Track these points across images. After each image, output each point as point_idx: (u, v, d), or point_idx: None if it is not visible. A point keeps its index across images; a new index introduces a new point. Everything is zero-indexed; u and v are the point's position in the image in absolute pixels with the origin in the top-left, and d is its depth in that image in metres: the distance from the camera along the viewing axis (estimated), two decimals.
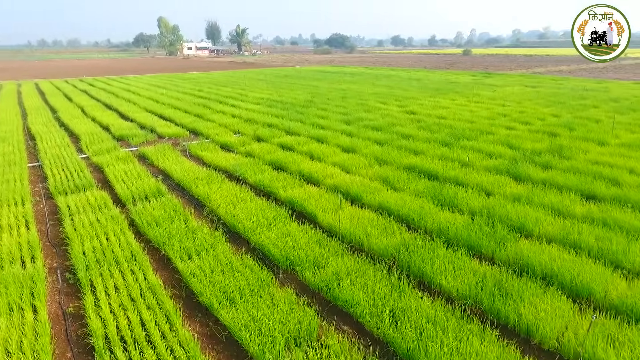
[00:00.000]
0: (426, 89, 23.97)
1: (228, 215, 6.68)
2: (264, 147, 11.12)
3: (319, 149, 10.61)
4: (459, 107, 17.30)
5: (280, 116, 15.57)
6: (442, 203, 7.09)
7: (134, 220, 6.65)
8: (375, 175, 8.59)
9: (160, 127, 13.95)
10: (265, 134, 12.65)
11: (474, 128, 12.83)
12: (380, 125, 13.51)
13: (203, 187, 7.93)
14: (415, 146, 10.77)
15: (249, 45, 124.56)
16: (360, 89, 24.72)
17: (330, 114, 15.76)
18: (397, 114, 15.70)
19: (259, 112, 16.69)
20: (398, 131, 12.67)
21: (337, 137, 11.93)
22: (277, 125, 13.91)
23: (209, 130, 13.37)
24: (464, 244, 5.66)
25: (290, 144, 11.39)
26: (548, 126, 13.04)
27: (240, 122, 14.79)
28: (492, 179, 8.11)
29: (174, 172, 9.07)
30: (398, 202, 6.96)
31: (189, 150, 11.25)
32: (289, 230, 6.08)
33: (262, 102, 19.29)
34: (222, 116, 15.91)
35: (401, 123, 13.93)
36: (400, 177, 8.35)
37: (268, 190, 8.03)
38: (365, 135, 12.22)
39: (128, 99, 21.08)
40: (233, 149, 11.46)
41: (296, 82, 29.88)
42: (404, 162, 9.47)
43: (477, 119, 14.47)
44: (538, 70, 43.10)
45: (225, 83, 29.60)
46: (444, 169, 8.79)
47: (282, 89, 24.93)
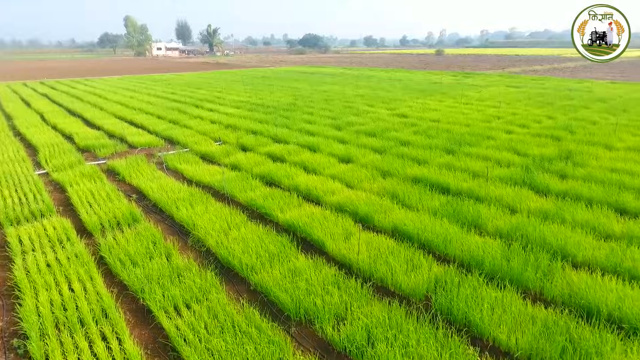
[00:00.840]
0: (411, 90, 23.35)
1: (220, 247, 5.58)
2: (250, 157, 10.01)
3: (313, 159, 9.60)
4: (450, 109, 16.67)
5: (264, 121, 14.45)
6: (464, 223, 6.24)
7: (104, 257, 5.46)
8: (381, 190, 7.67)
9: (131, 135, 12.58)
10: (250, 142, 11.53)
11: (473, 132, 12.14)
12: (373, 131, 12.63)
13: (186, 210, 6.78)
14: (416, 154, 9.93)
15: (221, 46, 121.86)
16: (343, 90, 23.84)
17: (317, 119, 14.77)
18: (388, 118, 14.88)
19: (240, 116, 15.51)
20: (394, 137, 11.82)
21: (330, 145, 10.96)
22: (262, 132, 12.80)
23: (186, 139, 12.12)
24: (506, 277, 4.80)
25: (279, 153, 10.33)
26: (547, 129, 12.51)
27: (220, 128, 13.58)
28: (511, 192, 7.34)
29: (150, 191, 7.85)
30: (416, 224, 6.05)
31: (165, 162, 10.00)
32: (296, 266, 5.06)
33: (242, 106, 18.09)
34: (199, 122, 14.63)
35: (395, 128, 13.10)
36: (410, 191, 7.46)
37: (263, 211, 6.95)
38: (359, 142, 11.30)
39: (94, 104, 19.39)
40: (216, 160, 10.29)
41: (275, 83, 28.71)
42: (408, 173, 8.60)
43: (472, 122, 13.83)
44: (513, 70, 43.54)
45: (199, 85, 28.09)
46: (455, 181, 7.96)
47: (262, 91, 23.73)
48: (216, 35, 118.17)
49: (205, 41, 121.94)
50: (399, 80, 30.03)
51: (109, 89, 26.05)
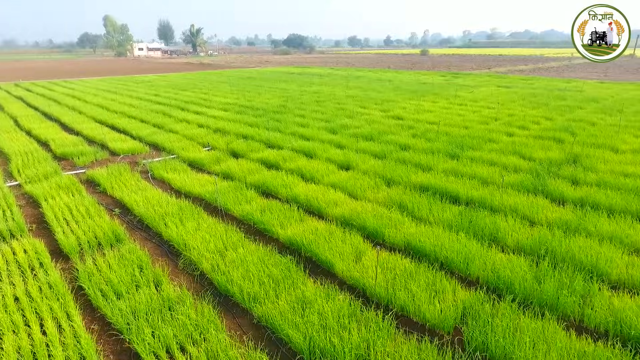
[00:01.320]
0: (402, 91, 22.96)
1: (216, 272, 4.95)
2: (243, 164, 9.35)
3: (310, 166, 9.01)
4: (444, 110, 16.28)
5: (255, 125, 13.78)
6: (482, 237, 5.74)
7: (83, 287, 4.77)
8: (387, 200, 7.13)
9: (113, 141, 11.77)
10: (242, 147, 10.87)
11: (473, 135, 11.72)
12: (369, 134, 12.10)
13: (176, 227, 6.11)
14: (418, 159, 9.43)
15: (205, 46, 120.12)
16: (333, 91, 23.30)
17: (310, 121, 14.17)
18: (383, 120, 14.39)
19: (229, 120, 14.80)
20: (392, 140, 11.31)
21: (326, 150, 10.39)
22: (253, 137, 12.13)
23: (172, 144, 11.39)
24: (541, 303, 4.31)
25: (274, 159, 9.70)
26: (547, 131, 12.19)
27: (208, 133, 12.86)
28: (525, 201, 6.89)
29: (134, 205, 7.14)
30: (431, 240, 5.53)
31: (151, 171, 9.27)
32: (305, 294, 4.46)
33: (230, 108, 17.36)
34: (186, 126, 13.88)
35: (391, 130, 12.60)
36: (419, 202, 6.93)
37: (261, 227, 6.33)
38: (356, 146, 10.75)
39: (72, 107, 18.38)
40: (206, 168, 9.61)
41: (262, 84, 27.99)
42: (413, 181, 8.09)
43: (469, 123, 13.44)
44: (500, 70, 43.73)
45: (184, 86, 27.17)
46: (464, 189, 7.48)
47: (249, 93, 23.01)
48: (199, 35, 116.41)
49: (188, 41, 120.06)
50: (389, 80, 29.65)
51: (89, 91, 24.94)
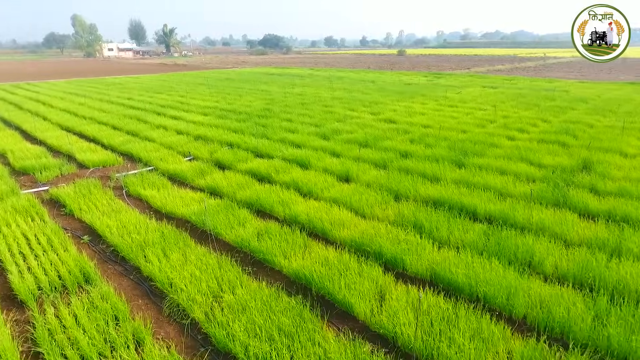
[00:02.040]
0: (388, 92, 22.34)
1: (212, 324, 4.02)
2: (231, 177, 8.38)
3: (306, 178, 8.14)
4: (436, 112, 15.70)
5: (239, 131, 12.78)
6: (517, 263, 5.02)
7: (41, 354, 3.74)
8: (400, 219, 6.34)
9: (81, 152, 10.56)
10: (228, 157, 9.88)
11: (473, 139, 11.11)
12: (365, 140, 11.32)
13: (158, 261, 5.13)
14: (423, 168, 8.70)
15: (178, 46, 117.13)
16: (318, 92, 22.46)
17: (298, 126, 13.28)
18: (375, 124, 13.64)
19: (211, 125, 13.74)
20: (390, 147, 10.56)
21: (321, 159, 9.54)
22: (239, 144, 11.15)
23: (149, 154, 10.29)
24: (610, 353, 3.59)
25: (265, 171, 8.77)
26: (548, 134, 11.72)
27: (189, 140, 11.79)
28: (551, 216, 6.24)
29: (107, 231, 6.09)
30: (460, 269, 4.77)
31: (126, 187, 8.19)
32: (327, 352, 3.59)
33: (211, 112, 16.26)
34: (163, 133, 12.74)
35: (387, 135, 11.86)
36: (435, 220, 6.17)
37: (260, 257, 5.42)
38: (353, 153, 9.95)
39: (36, 112, 16.84)
40: (189, 182, 8.59)
41: (242, 86, 26.85)
42: (423, 194, 7.34)
43: (466, 127, 12.85)
44: (479, 69, 43.96)
45: (159, 89, 25.74)
46: (481, 203, 6.78)
47: (229, 95, 21.88)
48: (173, 35, 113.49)
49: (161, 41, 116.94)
50: (372, 81, 29.04)
51: (55, 95, 23.23)
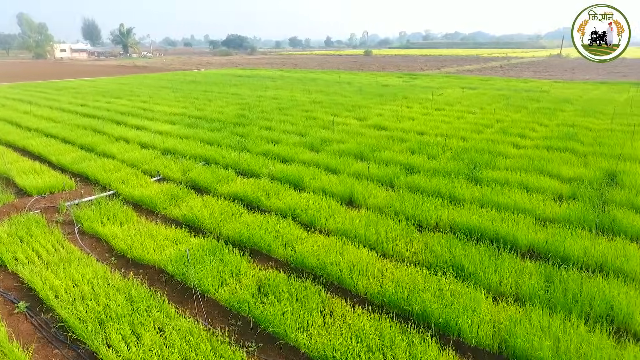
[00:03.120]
0: (368, 95, 21.28)
1: None
2: (212, 205, 6.90)
3: (304, 204, 6.80)
4: (426, 117, 14.74)
5: (215, 142, 11.22)
6: (598, 321, 3.93)
7: None
8: (432, 257, 5.14)
9: (22, 174, 8.71)
10: (205, 176, 8.36)
11: (477, 148, 10.15)
12: (359, 151, 10.10)
13: (125, 344, 3.65)
14: (436, 185, 7.57)
15: (137, 47, 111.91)
16: (293, 96, 21.07)
17: (281, 136, 11.88)
18: (365, 131, 12.47)
19: (181, 136, 12.08)
20: (389, 159, 9.38)
21: (316, 176, 8.22)
22: (216, 160, 9.63)
23: (109, 175, 8.60)
24: None
25: (252, 194, 7.35)
26: (551, 139, 10.96)
27: (156, 155, 10.13)
28: (607, 247, 5.24)
29: (51, 295, 4.51)
30: (535, 335, 3.62)
31: (79, 222, 6.53)
32: None
33: (179, 121, 14.53)
34: (125, 147, 10.98)
35: (382, 145, 10.69)
36: (476, 257, 5.01)
37: (268, 329, 4.04)
38: (351, 169, 8.70)
39: None
40: (159, 211, 7.03)
41: (210, 89, 24.99)
42: (447, 220, 6.20)
43: (463, 133, 11.91)
44: (449, 70, 44.03)
45: (118, 93, 23.46)
46: (520, 231, 5.70)
47: (198, 100, 20.08)
48: (130, 36, 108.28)
49: (118, 42, 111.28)
50: (348, 83, 27.95)
51: None
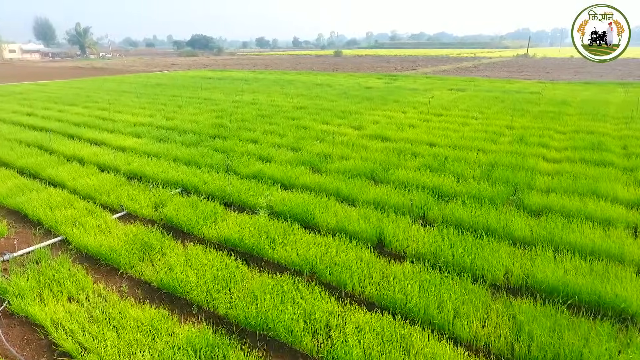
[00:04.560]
0: (353, 98, 19.71)
1: None
2: (201, 261, 5.05)
3: (325, 254, 5.10)
4: (427, 124, 13.32)
5: (192, 161, 9.28)
6: None
7: None
8: (535, 350, 3.57)
9: None
10: (185, 213, 6.45)
11: (504, 163, 8.75)
12: (369, 170, 8.47)
13: None
14: (484, 221, 6.04)
15: (95, 47, 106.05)
16: (274, 101, 19.20)
17: (271, 151, 10.07)
18: (366, 142, 10.85)
19: (149, 154, 10.03)
20: (410, 181, 7.78)
21: (329, 209, 6.51)
22: (197, 187, 7.72)
23: (55, 213, 6.56)
24: None
25: (252, 240, 5.54)
26: (579, 150, 9.76)
27: (119, 182, 8.09)
28: None
29: None
30: None
31: (5, 299, 4.52)
32: None
33: (146, 133, 12.39)
34: (78, 170, 8.84)
35: (393, 161, 9.11)
36: (597, 346, 3.49)
37: None
38: (368, 196, 7.06)
39: None
40: (126, 270, 5.10)
41: (179, 93, 22.65)
42: (519, 274, 4.69)
43: (478, 143, 10.53)
44: (425, 70, 43.38)
45: (72, 99, 20.75)
46: (629, 292, 4.24)
47: (166, 106, 17.83)
48: (87, 35, 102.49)
49: (75, 42, 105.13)
50: (329, 85, 26.31)
51: None
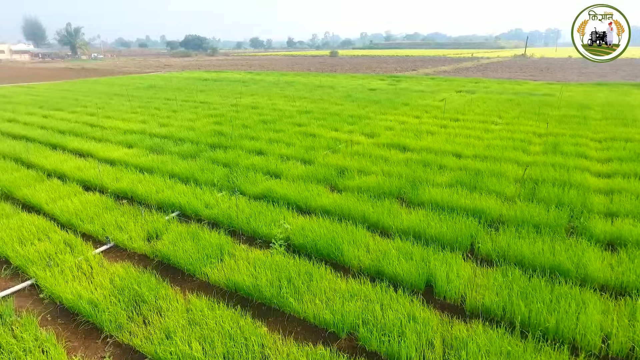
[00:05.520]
0: (360, 101, 18.60)
1: None
2: (209, 322, 3.91)
3: (365, 311, 3.98)
4: (445, 130, 12.23)
5: (190, 178, 8.10)
6: None
7: None
8: None
9: None
10: (185, 248, 5.29)
11: (547, 178, 7.68)
12: (394, 188, 7.34)
13: None
14: (551, 258, 4.96)
15: (87, 48, 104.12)
16: (275, 104, 18.04)
17: (279, 164, 8.91)
18: (383, 153, 9.74)
19: (141, 168, 8.84)
20: (446, 202, 6.66)
21: (359, 242, 5.39)
22: (197, 210, 6.55)
23: (27, 249, 5.38)
24: None
25: (270, 288, 4.40)
26: (626, 162, 8.72)
27: (105, 204, 6.90)
28: None
29: None
30: None
31: None
32: None
33: (138, 142, 11.18)
34: (59, 188, 7.63)
35: (419, 176, 7.98)
36: None
37: None
38: (401, 222, 5.94)
39: None
40: (109, 331, 3.93)
41: (174, 96, 21.40)
42: (623, 341, 3.58)
43: (508, 154, 9.45)
44: (426, 71, 42.43)
45: (59, 103, 19.44)
46: None
47: (160, 111, 16.61)
48: (79, 36, 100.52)
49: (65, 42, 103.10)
50: (331, 87, 25.18)
51: None
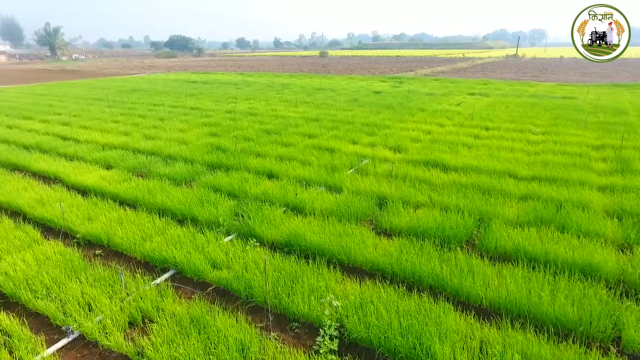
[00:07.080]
0: (370, 106, 16.84)
1: None
2: None
3: None
4: (481, 142, 10.56)
5: (187, 214, 6.21)
6: None
7: None
8: None
9: None
10: (188, 347, 3.44)
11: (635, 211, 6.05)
12: (462, 230, 5.60)
13: None
14: None
15: (67, 48, 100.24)
16: (275, 110, 16.16)
17: (300, 194, 7.09)
18: (423, 175, 7.99)
19: (122, 199, 6.91)
20: (546, 256, 4.94)
21: (447, 329, 3.61)
22: (199, 270, 4.69)
23: None
24: None
25: None
26: None
27: (71, 262, 4.97)
28: None
29: None
30: None
31: None
32: None
33: (118, 160, 9.21)
34: (7, 235, 5.67)
35: (484, 209, 6.25)
36: None
37: None
38: (498, 293, 4.20)
39: None
40: None
41: (160, 101, 19.30)
42: None
43: (577, 174, 7.78)
44: (424, 72, 41.07)
45: (29, 110, 17.20)
46: None
47: (145, 119, 14.58)
48: (58, 36, 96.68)
49: (44, 43, 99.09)
50: (332, 89, 23.38)
51: None
